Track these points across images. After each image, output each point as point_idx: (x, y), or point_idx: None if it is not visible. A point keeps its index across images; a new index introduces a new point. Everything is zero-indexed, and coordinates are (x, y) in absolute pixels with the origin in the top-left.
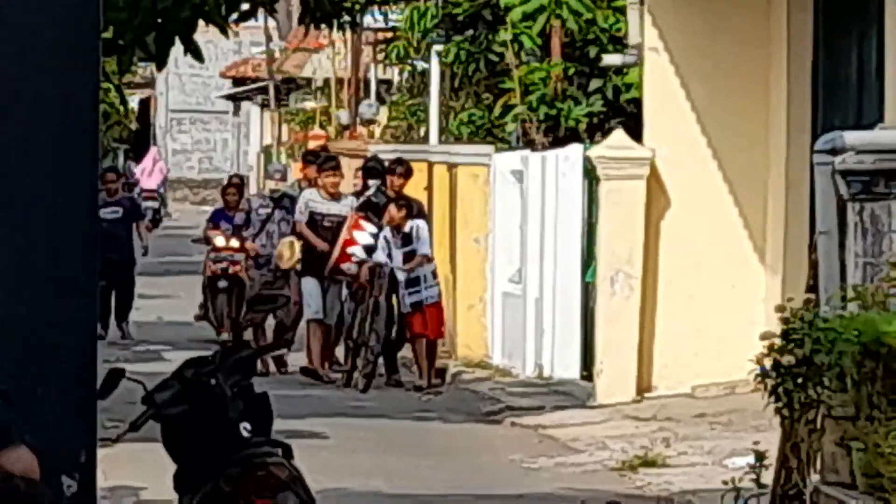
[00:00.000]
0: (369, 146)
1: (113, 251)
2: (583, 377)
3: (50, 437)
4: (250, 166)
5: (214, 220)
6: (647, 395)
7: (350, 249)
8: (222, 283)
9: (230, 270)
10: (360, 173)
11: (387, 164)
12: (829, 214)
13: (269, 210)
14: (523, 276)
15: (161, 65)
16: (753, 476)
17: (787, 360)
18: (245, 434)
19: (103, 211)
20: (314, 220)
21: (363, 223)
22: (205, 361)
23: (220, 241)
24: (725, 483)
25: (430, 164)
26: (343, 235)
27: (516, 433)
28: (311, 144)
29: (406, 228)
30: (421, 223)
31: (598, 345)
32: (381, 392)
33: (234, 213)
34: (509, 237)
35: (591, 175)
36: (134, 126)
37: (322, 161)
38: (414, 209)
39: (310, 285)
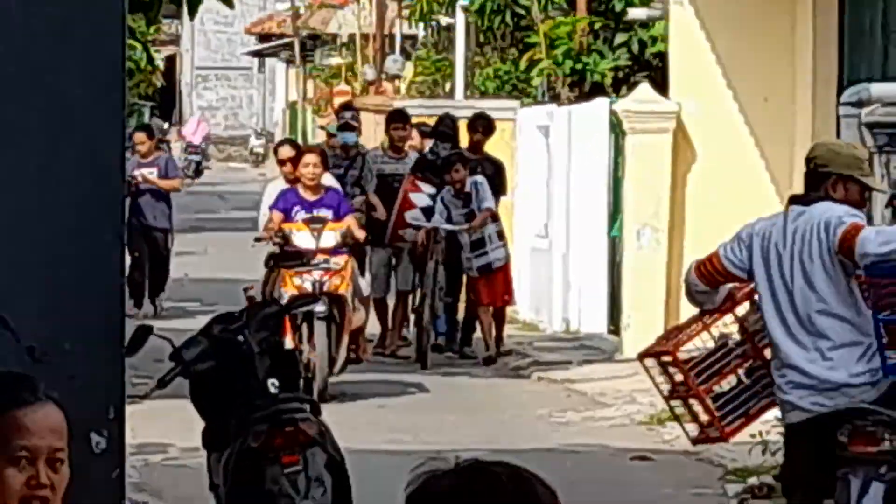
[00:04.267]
0: (395, 102)
1: (150, 217)
2: (610, 331)
3: (78, 393)
4: (276, 122)
5: (284, 206)
6: None
7: (408, 214)
8: (320, 309)
9: (327, 286)
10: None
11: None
12: None
13: (340, 171)
14: (550, 230)
15: (193, 13)
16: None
17: None
18: (273, 390)
19: (143, 174)
20: (384, 183)
21: (420, 184)
22: (232, 318)
23: (304, 238)
24: (753, 436)
25: None
26: (399, 199)
27: (544, 388)
28: (337, 100)
29: (466, 188)
30: (480, 179)
31: (624, 299)
32: (408, 349)
33: (313, 194)
34: (536, 192)
35: (617, 129)
36: (160, 83)
37: (390, 115)
38: (476, 166)
39: (381, 258)
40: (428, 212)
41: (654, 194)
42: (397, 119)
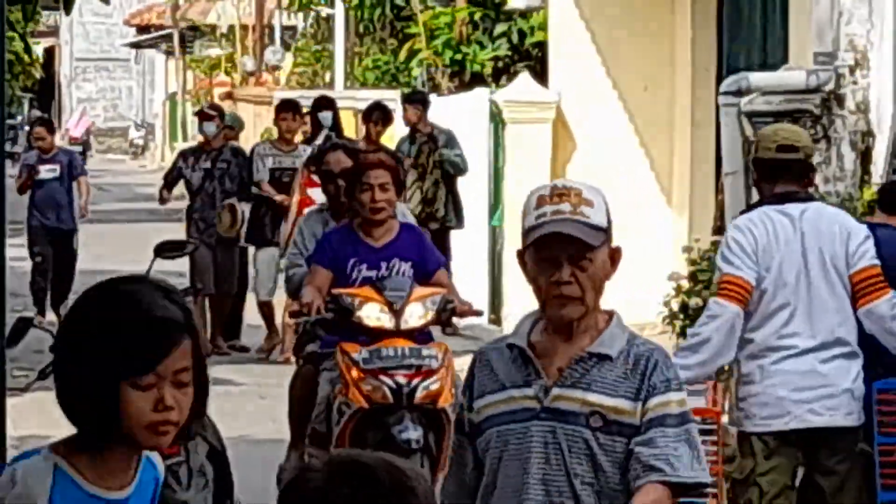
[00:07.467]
0: (274, 93)
1: (53, 218)
2: (491, 321)
3: None
4: (156, 114)
5: (334, 258)
6: None
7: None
8: (410, 437)
9: (420, 395)
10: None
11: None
12: (736, 155)
13: (207, 165)
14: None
15: (68, 9)
16: None
17: (695, 301)
18: None
19: (41, 170)
20: (272, 177)
21: (316, 179)
22: None
23: (374, 314)
24: None
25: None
26: (295, 196)
27: None
28: (217, 91)
29: None
30: None
31: (505, 289)
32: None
33: (379, 237)
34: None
35: (497, 119)
36: (39, 75)
37: (279, 105)
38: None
39: (268, 257)
40: None
41: (534, 184)
42: (286, 109)
